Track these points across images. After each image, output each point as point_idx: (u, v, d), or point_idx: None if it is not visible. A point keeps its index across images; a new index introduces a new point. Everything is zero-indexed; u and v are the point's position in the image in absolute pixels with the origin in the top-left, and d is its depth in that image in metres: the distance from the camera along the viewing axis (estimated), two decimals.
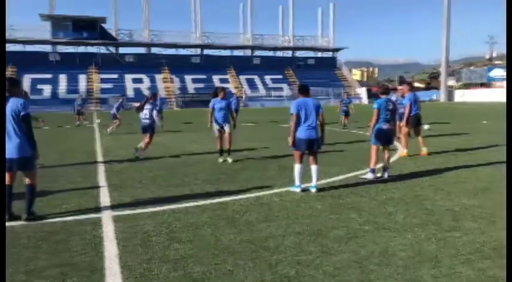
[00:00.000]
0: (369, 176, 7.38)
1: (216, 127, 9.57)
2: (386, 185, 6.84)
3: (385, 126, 7.46)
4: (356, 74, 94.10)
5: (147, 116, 10.32)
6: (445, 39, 61.63)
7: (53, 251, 4.14)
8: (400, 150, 10.24)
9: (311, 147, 6.49)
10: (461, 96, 61.06)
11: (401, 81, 66.74)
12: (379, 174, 7.48)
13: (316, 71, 65.54)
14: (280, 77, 63.72)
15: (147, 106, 10.36)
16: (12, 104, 4.94)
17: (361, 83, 77.20)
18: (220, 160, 9.44)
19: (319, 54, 72.36)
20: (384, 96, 7.61)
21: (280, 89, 60.08)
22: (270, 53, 70.18)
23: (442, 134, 14.93)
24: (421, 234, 4.50)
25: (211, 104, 9.61)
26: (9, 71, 52.47)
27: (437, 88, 67.04)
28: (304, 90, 6.60)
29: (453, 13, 62.40)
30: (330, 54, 71.83)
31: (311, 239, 4.39)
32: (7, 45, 57.39)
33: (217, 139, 9.64)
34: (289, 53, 70.42)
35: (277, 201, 5.92)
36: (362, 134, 14.65)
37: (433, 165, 8.55)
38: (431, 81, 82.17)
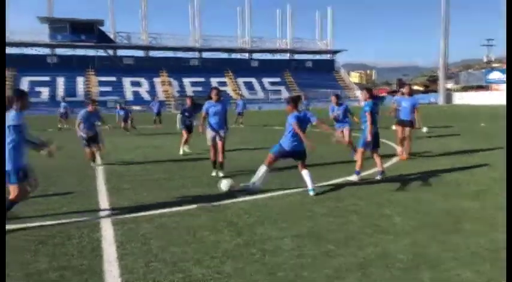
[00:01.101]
0: (354, 177, 7.45)
1: (210, 134, 8.20)
2: (386, 188, 6.85)
3: (375, 129, 7.59)
4: (354, 77, 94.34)
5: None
6: (443, 42, 61.83)
7: (52, 254, 4.13)
8: (400, 152, 10.25)
9: (299, 157, 6.62)
10: (460, 99, 61.21)
11: (401, 83, 66.88)
12: (378, 177, 7.52)
13: (315, 73, 65.70)
14: (278, 80, 63.85)
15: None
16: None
17: (360, 86, 77.29)
18: (214, 174, 8.19)
19: (317, 57, 72.56)
20: (371, 100, 7.67)
21: (279, 91, 60.19)
22: (268, 56, 70.33)
23: (440, 135, 14.97)
24: (420, 237, 4.50)
25: (205, 107, 8.19)
26: (9, 74, 52.45)
27: (436, 91, 67.20)
28: (296, 103, 6.70)
29: (451, 16, 62.59)
30: (328, 56, 72.04)
31: (310, 241, 4.39)
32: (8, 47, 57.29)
33: (211, 148, 8.26)
34: (287, 56, 70.59)
35: (276, 204, 5.92)
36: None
37: (432, 168, 8.56)
38: (430, 84, 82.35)
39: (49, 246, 4.35)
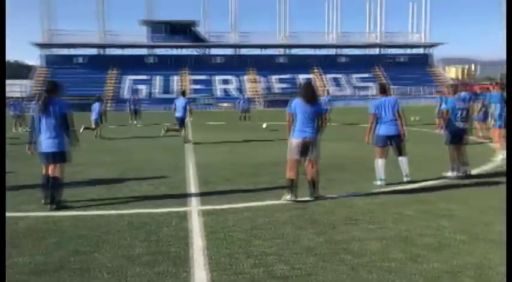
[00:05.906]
0: (450, 174, 7.41)
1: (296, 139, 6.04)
2: (484, 192, 6.30)
3: (459, 125, 7.45)
4: (451, 72, 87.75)
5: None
6: None
7: (147, 240, 4.46)
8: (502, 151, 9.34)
9: (392, 142, 6.89)
10: None
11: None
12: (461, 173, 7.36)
13: (407, 69, 62.32)
14: (367, 75, 61.67)
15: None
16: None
17: (458, 82, 71.63)
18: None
19: (409, 51, 68.52)
20: (454, 96, 7.68)
21: (367, 88, 58.14)
22: (357, 51, 68.16)
23: None
24: None
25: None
26: (114, 73, 57.76)
27: None
28: (383, 90, 7.10)
29: None
30: (421, 50, 67.85)
31: (397, 245, 4.20)
32: (110, 49, 63.28)
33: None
34: (377, 51, 67.80)
35: (361, 204, 5.75)
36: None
37: None
38: None
39: (144, 232, 4.70)
